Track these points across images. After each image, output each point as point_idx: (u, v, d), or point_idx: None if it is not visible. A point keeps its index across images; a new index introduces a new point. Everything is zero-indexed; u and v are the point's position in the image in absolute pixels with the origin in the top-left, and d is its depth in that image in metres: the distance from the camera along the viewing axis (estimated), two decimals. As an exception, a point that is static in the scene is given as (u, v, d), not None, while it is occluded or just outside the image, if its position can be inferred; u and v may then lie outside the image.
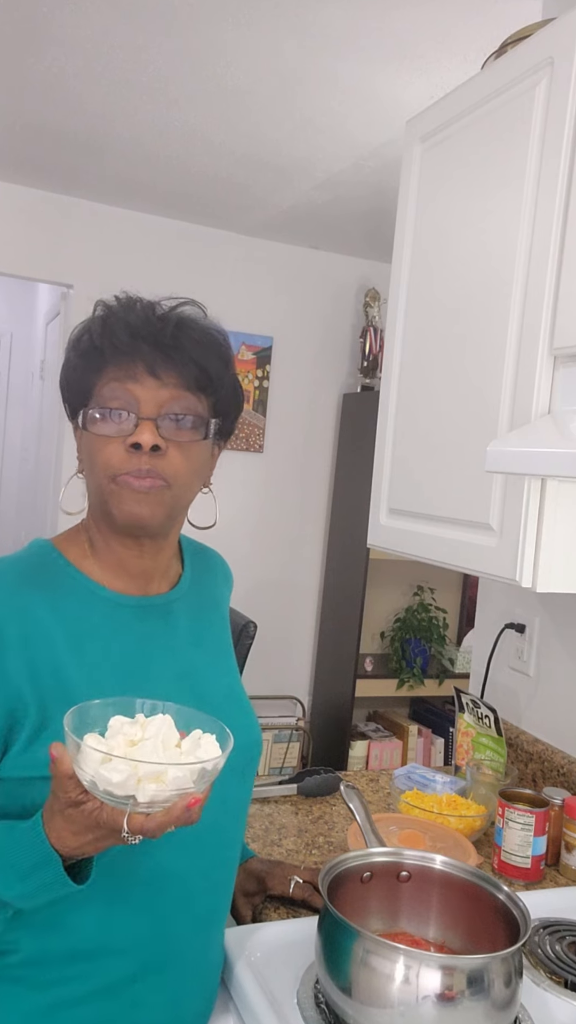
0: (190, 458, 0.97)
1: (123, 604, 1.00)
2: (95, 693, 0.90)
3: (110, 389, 0.94)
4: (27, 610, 0.92)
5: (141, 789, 0.75)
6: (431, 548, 1.45)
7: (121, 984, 0.93)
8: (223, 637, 1.14)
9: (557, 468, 1.02)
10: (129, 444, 0.92)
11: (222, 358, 1.00)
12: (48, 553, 1.00)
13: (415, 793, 1.56)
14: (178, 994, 0.98)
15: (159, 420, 0.94)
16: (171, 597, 1.05)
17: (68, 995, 0.91)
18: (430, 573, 4.05)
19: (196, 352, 0.96)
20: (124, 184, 3.27)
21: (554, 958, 1.14)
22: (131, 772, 0.75)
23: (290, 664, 4.02)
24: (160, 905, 0.95)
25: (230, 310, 3.75)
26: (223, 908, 1.05)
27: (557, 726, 1.71)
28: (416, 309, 1.55)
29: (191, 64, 2.28)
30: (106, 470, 0.94)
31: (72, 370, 0.99)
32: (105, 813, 0.77)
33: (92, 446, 0.95)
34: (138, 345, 0.94)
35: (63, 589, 0.97)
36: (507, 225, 1.30)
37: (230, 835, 1.04)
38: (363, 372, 3.86)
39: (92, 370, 0.96)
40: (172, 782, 0.76)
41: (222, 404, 1.01)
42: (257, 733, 1.08)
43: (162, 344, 0.94)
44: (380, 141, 2.66)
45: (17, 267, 3.49)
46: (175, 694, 0.97)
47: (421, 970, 0.88)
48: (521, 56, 1.29)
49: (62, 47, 2.25)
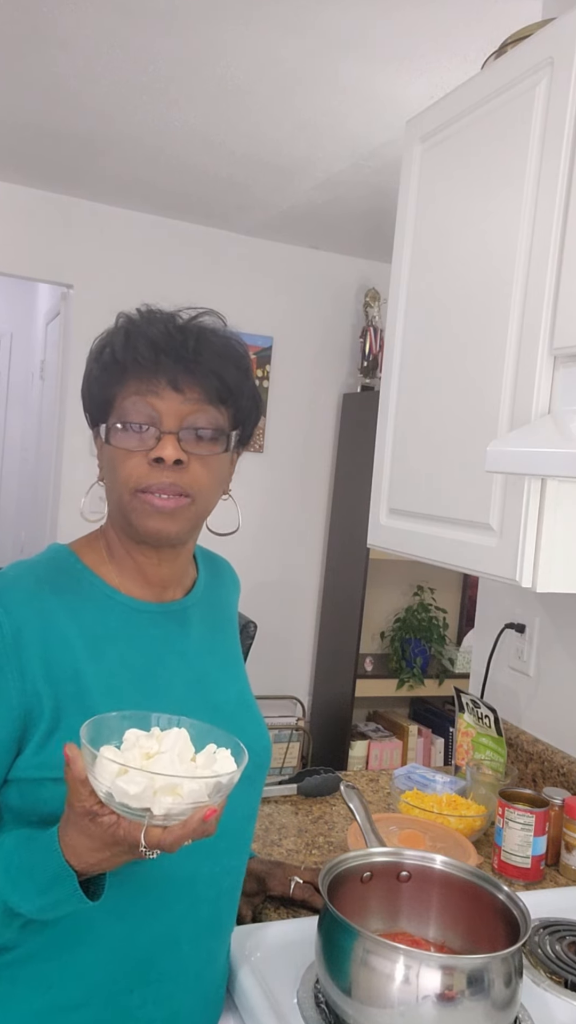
0: (211, 470, 0.97)
1: (140, 610, 1.00)
2: (111, 698, 0.91)
3: (132, 403, 0.94)
4: (46, 613, 0.93)
5: (157, 802, 0.75)
6: (431, 548, 1.45)
7: (117, 991, 0.92)
8: (234, 644, 1.14)
9: (557, 468, 1.02)
10: (152, 458, 0.93)
11: (241, 369, 1.00)
12: (66, 558, 1.01)
13: (415, 793, 1.56)
14: (177, 1007, 0.97)
15: (181, 433, 0.94)
16: (186, 603, 1.06)
17: (63, 999, 0.91)
18: (430, 573, 4.05)
19: (216, 364, 0.96)
20: (124, 184, 3.27)
21: (554, 958, 1.14)
22: (147, 784, 0.75)
23: (290, 664, 4.02)
24: (166, 911, 0.94)
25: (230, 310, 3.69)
26: (229, 917, 1.05)
27: (557, 726, 1.71)
28: (416, 309, 1.55)
29: (191, 64, 2.27)
30: (128, 483, 0.94)
31: (94, 382, 0.99)
32: (122, 828, 0.77)
33: (114, 459, 0.96)
34: (160, 360, 0.94)
35: (82, 594, 0.97)
36: (507, 225, 1.30)
37: (239, 842, 1.04)
38: (363, 372, 3.86)
39: (114, 383, 0.96)
40: (188, 795, 0.76)
41: (241, 414, 1.02)
42: (267, 740, 1.08)
43: (184, 359, 0.94)
44: (380, 141, 2.66)
45: (17, 267, 3.48)
46: (188, 700, 0.97)
47: (421, 970, 0.88)
48: (521, 56, 1.29)
49: (62, 47, 2.25)
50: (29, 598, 0.93)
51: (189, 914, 0.96)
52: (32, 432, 4.78)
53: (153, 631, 1.00)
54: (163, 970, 0.95)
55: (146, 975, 0.93)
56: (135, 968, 0.93)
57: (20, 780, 0.90)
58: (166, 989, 0.95)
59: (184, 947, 0.96)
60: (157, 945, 0.94)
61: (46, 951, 0.90)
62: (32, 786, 0.90)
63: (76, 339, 3.50)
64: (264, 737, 1.07)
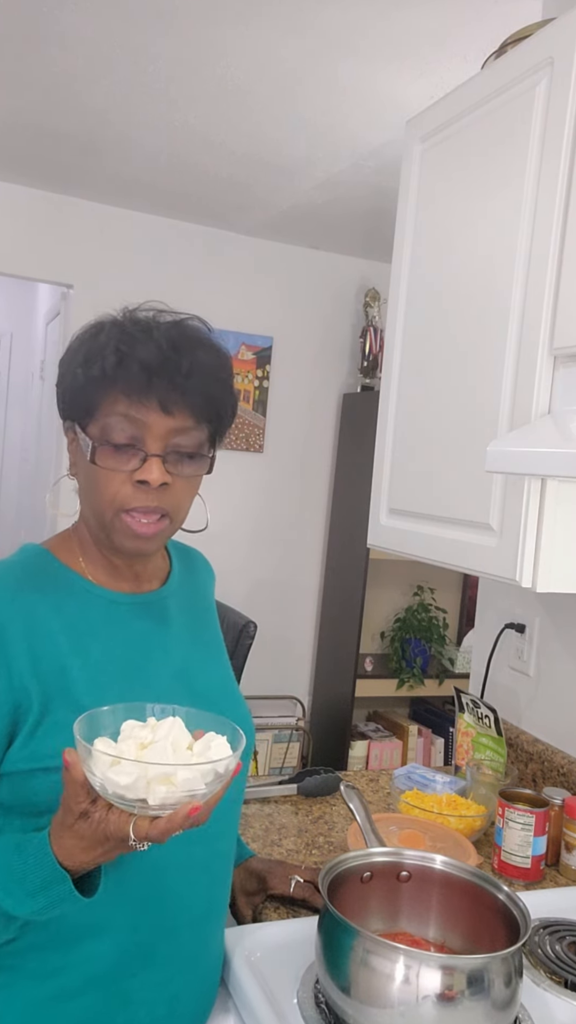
0: (193, 488, 1.00)
1: (119, 602, 1.02)
2: (97, 690, 0.92)
3: (117, 421, 0.93)
4: (29, 609, 0.94)
5: (152, 792, 0.75)
6: (431, 548, 1.45)
7: (118, 977, 0.93)
8: (214, 632, 1.16)
9: (557, 468, 1.02)
10: (136, 480, 0.93)
11: (226, 384, 1.01)
12: (42, 556, 1.02)
13: (415, 793, 1.56)
14: (176, 990, 0.98)
15: (166, 456, 0.95)
16: (163, 594, 1.08)
17: (65, 986, 0.91)
18: (430, 573, 4.05)
19: (205, 384, 0.96)
20: (124, 184, 3.27)
21: (554, 958, 1.14)
22: (140, 774, 0.75)
23: (290, 664, 4.01)
24: (164, 897, 0.95)
25: (230, 310, 3.75)
26: (222, 902, 1.06)
27: (557, 726, 1.71)
28: (416, 309, 1.55)
29: (191, 64, 2.27)
30: (113, 504, 0.95)
31: (79, 389, 0.96)
32: (111, 824, 0.78)
33: (97, 477, 0.95)
34: (153, 382, 0.93)
35: (61, 590, 0.98)
36: (507, 225, 1.30)
37: (227, 825, 1.05)
38: (363, 372, 3.86)
39: (100, 394, 0.94)
40: (183, 784, 0.76)
41: (223, 427, 1.03)
42: (250, 724, 1.09)
43: (176, 383, 0.94)
44: (380, 141, 2.66)
45: (17, 267, 3.48)
46: (172, 690, 0.99)
47: (421, 970, 0.89)
48: (521, 56, 1.29)
49: (63, 47, 2.25)
50: (12, 595, 0.94)
51: (185, 899, 0.97)
52: (32, 432, 4.78)
53: (135, 624, 1.02)
54: (162, 955, 0.96)
55: (145, 960, 0.95)
56: (135, 954, 0.94)
57: (11, 774, 0.91)
58: (165, 973, 0.96)
59: (181, 932, 0.97)
60: (156, 931, 0.95)
61: (47, 941, 0.91)
62: (23, 778, 0.90)
63: (76, 339, 3.49)
64: (247, 720, 1.08)
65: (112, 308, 1.00)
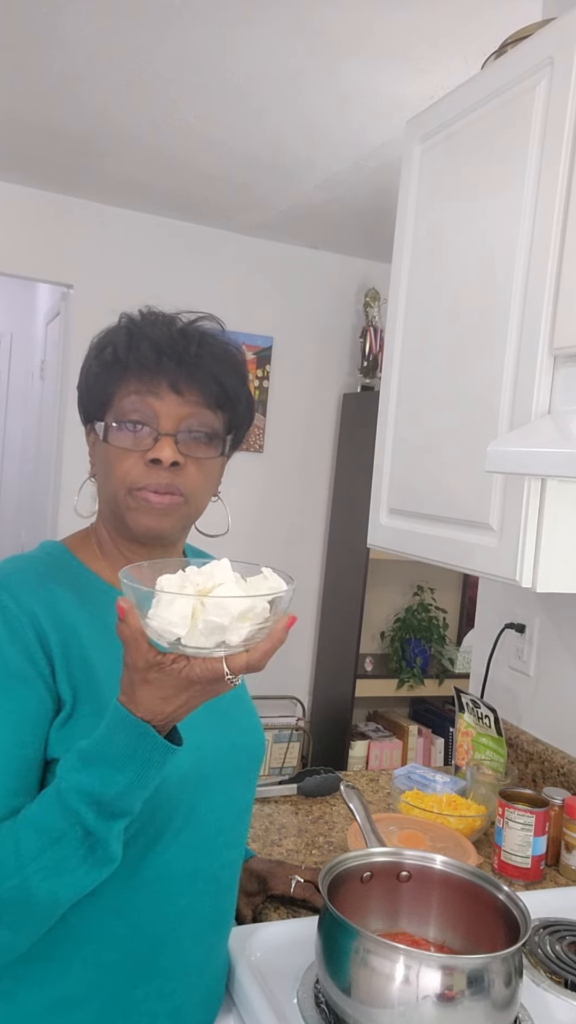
0: (206, 472, 0.99)
1: None
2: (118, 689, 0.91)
3: (130, 402, 0.95)
4: (53, 602, 0.93)
5: (234, 629, 0.72)
6: (431, 548, 1.45)
7: (121, 987, 0.92)
8: None
9: (557, 468, 1.02)
10: (148, 459, 0.94)
11: (239, 375, 1.02)
12: (62, 554, 1.02)
13: (415, 793, 1.56)
14: (180, 1002, 0.97)
15: (178, 435, 0.95)
16: None
17: (67, 996, 0.91)
18: (430, 573, 4.05)
19: (216, 369, 0.98)
20: (124, 184, 3.27)
21: (554, 958, 1.14)
22: (227, 611, 0.72)
23: (290, 664, 4.01)
24: (168, 907, 0.94)
25: (230, 310, 3.72)
26: (228, 912, 1.05)
27: (557, 726, 1.71)
28: (416, 309, 1.55)
29: (191, 64, 2.27)
30: (124, 482, 0.95)
31: (93, 379, 0.99)
32: (197, 667, 0.75)
33: (110, 457, 0.96)
34: (162, 361, 0.95)
35: (80, 589, 0.98)
36: (507, 224, 1.30)
37: (236, 836, 1.04)
38: (363, 372, 3.86)
39: (113, 381, 0.97)
40: (259, 615, 0.73)
41: (237, 419, 1.03)
42: (261, 735, 1.09)
43: (185, 362, 0.96)
44: (380, 141, 2.66)
45: (17, 267, 3.48)
46: None
47: (421, 970, 0.88)
48: (521, 56, 1.29)
49: (63, 47, 2.25)
50: (36, 589, 0.93)
51: (190, 910, 0.96)
52: (32, 432, 4.77)
53: None
54: (166, 966, 0.95)
55: (149, 971, 0.94)
56: (139, 964, 0.93)
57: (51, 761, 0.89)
58: (169, 985, 0.95)
59: (186, 943, 0.96)
60: (160, 941, 0.94)
61: (50, 949, 0.90)
62: (55, 766, 0.88)
63: (76, 339, 3.50)
64: (259, 731, 1.08)
65: (120, 309, 1.03)
